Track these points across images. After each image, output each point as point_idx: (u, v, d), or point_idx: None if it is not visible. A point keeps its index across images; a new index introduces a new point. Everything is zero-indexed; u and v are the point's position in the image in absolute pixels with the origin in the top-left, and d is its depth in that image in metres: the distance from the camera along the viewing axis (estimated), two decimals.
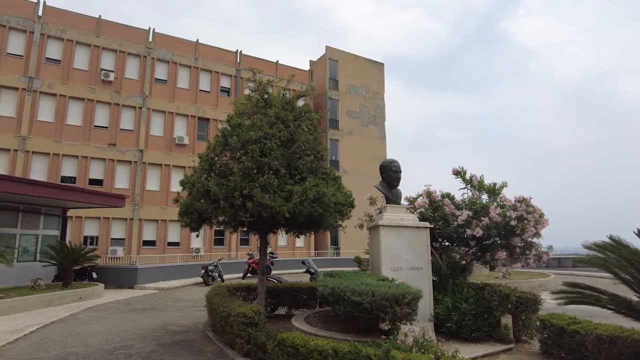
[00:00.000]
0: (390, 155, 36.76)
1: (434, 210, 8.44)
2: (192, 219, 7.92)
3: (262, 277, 8.77)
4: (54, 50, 24.36)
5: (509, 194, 8.62)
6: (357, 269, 16.97)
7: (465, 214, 7.98)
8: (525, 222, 7.75)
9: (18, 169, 22.05)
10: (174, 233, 25.93)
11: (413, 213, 8.16)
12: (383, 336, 5.77)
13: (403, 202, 8.20)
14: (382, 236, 7.18)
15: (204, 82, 28.92)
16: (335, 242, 31.83)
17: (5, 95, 22.63)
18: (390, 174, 7.81)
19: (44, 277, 14.64)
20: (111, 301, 13.68)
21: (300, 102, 9.14)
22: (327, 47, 34.61)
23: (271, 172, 7.34)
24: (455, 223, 8.07)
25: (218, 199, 7.32)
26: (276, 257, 20.62)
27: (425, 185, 8.87)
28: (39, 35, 23.82)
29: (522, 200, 8.19)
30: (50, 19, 24.35)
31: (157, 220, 25.50)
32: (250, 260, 21.24)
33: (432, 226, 8.04)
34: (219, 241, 27.51)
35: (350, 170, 31.81)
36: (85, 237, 23.10)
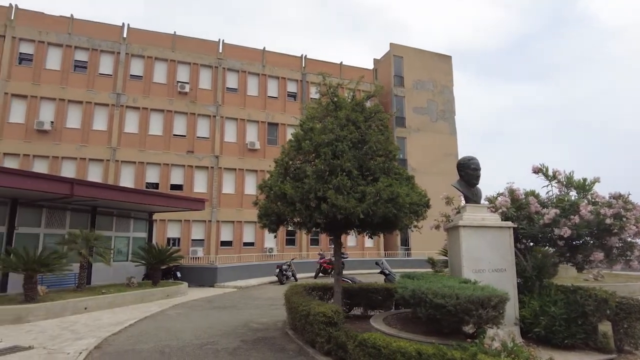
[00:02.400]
0: (461, 151, 35.36)
1: (517, 209, 7.98)
2: (271, 220, 8.23)
3: (338, 278, 8.88)
4: (136, 67, 26.60)
5: (600, 190, 7.91)
6: (429, 270, 16.56)
7: (552, 212, 7.45)
8: (624, 220, 7.06)
9: (110, 177, 24.34)
10: (248, 233, 27.09)
11: (494, 212, 7.79)
12: (468, 340, 5.58)
13: (483, 201, 7.86)
14: (463, 237, 6.95)
15: (272, 89, 29.90)
16: (405, 242, 31.28)
17: (98, 111, 25.12)
18: (468, 172, 7.53)
19: (135, 275, 16.03)
20: (195, 299, 14.59)
21: (368, 102, 9.14)
22: (391, 44, 34.16)
23: (344, 173, 7.42)
24: (542, 222, 7.57)
25: (294, 201, 7.54)
26: (346, 258, 20.75)
27: (507, 183, 8.42)
28: (124, 55, 26.15)
29: (618, 197, 7.46)
30: (133, 39, 26.61)
31: (233, 222, 26.80)
32: (321, 260, 21.56)
33: (516, 226, 7.62)
34: (291, 241, 28.26)
35: (419, 168, 31.06)
36: (169, 239, 24.90)
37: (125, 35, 26.43)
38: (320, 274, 21.24)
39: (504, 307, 5.69)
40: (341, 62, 32.04)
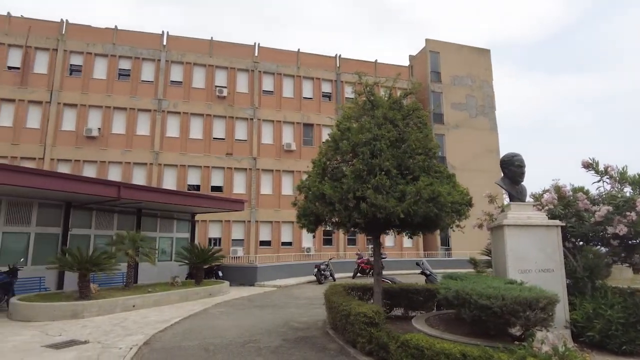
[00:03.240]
0: (503, 147, 34.27)
1: (565, 207, 7.64)
2: (310, 220, 8.29)
3: (378, 278, 8.82)
4: (176, 73, 27.54)
5: None
6: (471, 270, 16.10)
7: (603, 209, 7.08)
8: None
9: (153, 180, 25.32)
10: (286, 233, 27.41)
11: (540, 210, 7.49)
12: (516, 342, 5.40)
13: (528, 199, 7.57)
14: (507, 236, 6.73)
15: (307, 90, 30.10)
16: (445, 242, 30.62)
17: (141, 116, 26.21)
18: (512, 169, 7.28)
19: (179, 275, 16.58)
20: (236, 298, 14.92)
21: (406, 100, 9.01)
22: (426, 40, 33.56)
23: (382, 173, 7.36)
24: (592, 220, 7.20)
25: (333, 201, 7.56)
26: (385, 258, 20.50)
27: (553, 180, 8.07)
28: (164, 62, 27.15)
29: None
30: (172, 47, 27.57)
31: (271, 222, 27.21)
32: (359, 261, 21.49)
33: (564, 224, 7.29)
34: (328, 241, 28.34)
35: (459, 166, 30.31)
36: (210, 239, 25.60)
37: (165, 43, 27.42)
38: (359, 274, 21.16)
39: (553, 309, 5.46)
40: (376, 60, 31.79)
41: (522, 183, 7.41)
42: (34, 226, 13.77)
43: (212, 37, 28.62)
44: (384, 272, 19.78)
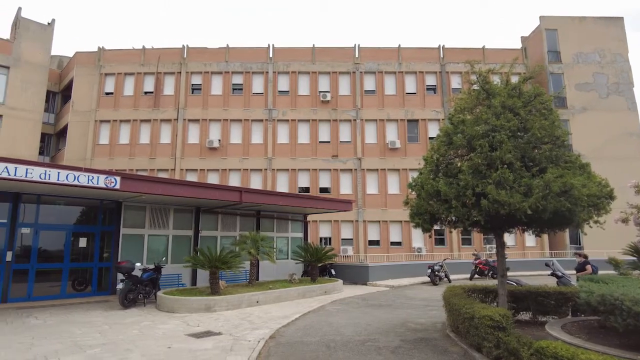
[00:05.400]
0: None
1: None
2: (424, 219, 8.05)
3: (503, 280, 8.22)
4: (283, 83, 29.11)
5: None
6: (612, 272, 14.12)
7: None
8: None
9: (268, 184, 27.05)
10: (395, 233, 27.07)
11: None
12: None
13: None
14: None
15: (410, 85, 29.40)
16: (576, 240, 27.30)
17: (255, 126, 28.25)
18: None
19: (295, 272, 17.44)
20: (350, 296, 15.15)
21: (526, 85, 8.25)
22: (541, 17, 30.39)
23: (504, 166, 6.85)
24: None
25: (448, 198, 7.25)
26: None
27: None
28: (272, 74, 28.88)
29: None
30: (278, 58, 29.19)
31: (379, 222, 27.12)
32: (477, 261, 20.30)
33: None
34: (440, 241, 27.27)
35: (588, 153, 26.59)
36: (321, 238, 26.46)
37: (271, 55, 29.14)
38: (476, 276, 19.99)
39: None
40: (483, 47, 29.75)
41: None
42: (171, 229, 15.70)
43: (313, 45, 29.63)
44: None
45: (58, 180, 10.46)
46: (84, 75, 28.52)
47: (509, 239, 25.94)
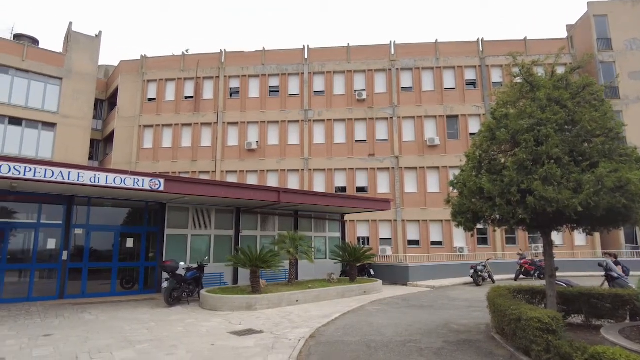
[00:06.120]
0: None
1: None
2: (467, 218, 7.80)
3: (551, 280, 7.84)
4: (318, 83, 29.18)
5: None
6: None
7: None
8: None
9: (305, 184, 27.21)
10: (435, 232, 26.48)
11: None
12: None
13: None
14: None
15: (448, 80, 28.67)
16: (632, 239, 25.65)
17: (291, 127, 28.53)
18: None
19: (334, 272, 17.42)
20: (390, 296, 14.96)
21: (574, 76, 7.83)
22: (589, 3, 28.78)
23: (551, 161, 6.52)
24: None
25: (492, 196, 6.99)
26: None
27: None
28: (307, 75, 29.03)
29: None
30: (314, 58, 29.30)
31: (418, 221, 26.62)
32: (522, 261, 19.57)
33: None
34: (483, 240, 26.41)
35: None
36: (359, 238, 26.30)
37: (306, 56, 29.30)
38: (521, 276, 19.23)
39: None
40: (525, 38, 28.53)
41: None
42: (213, 229, 16.12)
43: (348, 44, 29.52)
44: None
45: (106, 183, 11.00)
46: (128, 82, 29.86)
47: (556, 237, 24.73)
